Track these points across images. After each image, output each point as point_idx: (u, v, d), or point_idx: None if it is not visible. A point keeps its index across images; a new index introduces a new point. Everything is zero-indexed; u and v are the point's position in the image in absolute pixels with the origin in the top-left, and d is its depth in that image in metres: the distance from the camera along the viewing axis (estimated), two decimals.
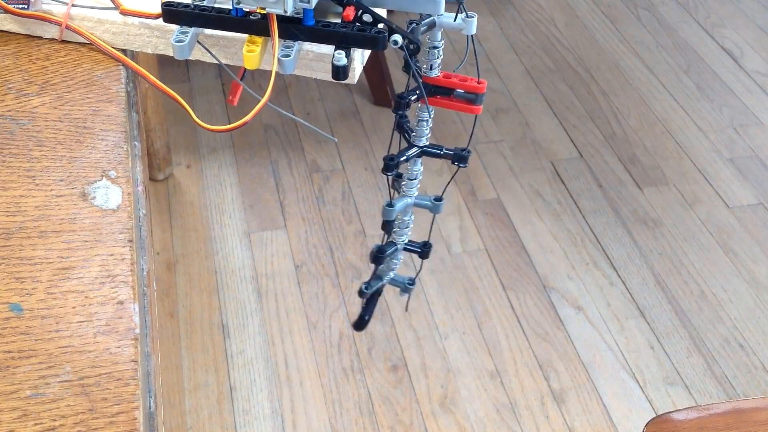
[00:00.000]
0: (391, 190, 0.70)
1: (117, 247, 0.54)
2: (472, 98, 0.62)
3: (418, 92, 0.62)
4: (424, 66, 0.61)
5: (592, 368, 1.43)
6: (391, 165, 0.65)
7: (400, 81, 2.01)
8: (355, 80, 0.63)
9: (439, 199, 0.70)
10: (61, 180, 0.57)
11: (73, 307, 0.50)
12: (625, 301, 1.54)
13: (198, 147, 1.82)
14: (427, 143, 0.66)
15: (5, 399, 0.46)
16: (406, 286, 0.80)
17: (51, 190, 0.57)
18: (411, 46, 0.58)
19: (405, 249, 0.75)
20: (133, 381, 0.47)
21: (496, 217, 1.69)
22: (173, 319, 1.47)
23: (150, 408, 0.50)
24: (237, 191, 1.72)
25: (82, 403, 0.46)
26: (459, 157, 0.65)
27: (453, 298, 1.53)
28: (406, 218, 0.72)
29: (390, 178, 0.68)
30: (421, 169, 0.69)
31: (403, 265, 0.77)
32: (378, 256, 0.72)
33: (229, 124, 0.59)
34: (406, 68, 0.60)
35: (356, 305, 1.51)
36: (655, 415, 1.16)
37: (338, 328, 1.47)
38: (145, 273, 0.55)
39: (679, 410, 0.83)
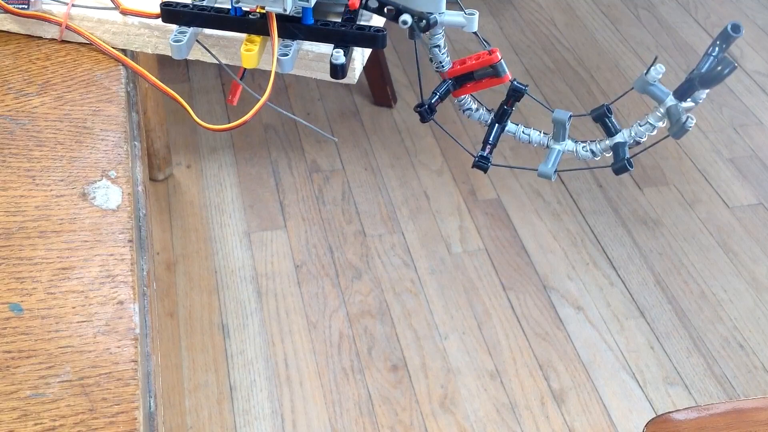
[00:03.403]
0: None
1: (117, 247, 0.54)
2: (492, 72, 0.62)
3: (439, 93, 0.62)
4: (436, 65, 0.61)
5: (592, 368, 1.43)
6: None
7: (400, 81, 2.02)
8: (355, 80, 0.63)
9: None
10: (61, 180, 0.57)
11: (73, 307, 0.50)
12: (625, 301, 1.54)
13: (198, 147, 1.82)
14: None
15: (5, 399, 0.46)
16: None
17: (51, 190, 0.57)
18: (422, 23, 0.57)
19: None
20: (133, 381, 0.47)
21: (496, 217, 1.69)
22: (173, 319, 1.47)
23: (150, 408, 0.50)
24: (237, 191, 1.72)
25: (82, 403, 0.46)
26: (514, 92, 0.63)
27: (453, 298, 1.53)
28: None
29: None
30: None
31: (403, 267, 0.76)
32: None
33: (230, 123, 0.59)
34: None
35: (356, 305, 1.51)
36: (655, 415, 1.16)
37: (338, 328, 1.47)
38: (145, 273, 0.55)
39: (679, 410, 0.83)
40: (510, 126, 0.65)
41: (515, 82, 0.62)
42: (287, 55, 0.59)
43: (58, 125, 0.61)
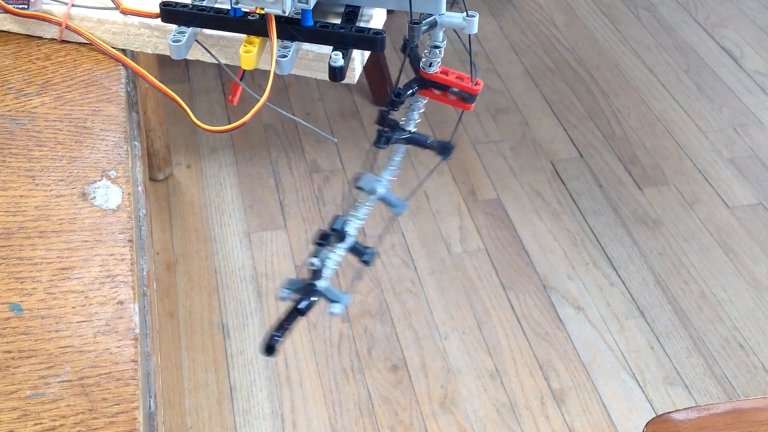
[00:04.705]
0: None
1: (117, 247, 0.54)
2: (466, 97, 0.62)
3: (414, 87, 0.62)
4: (423, 61, 0.61)
5: (592, 368, 1.43)
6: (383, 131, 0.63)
7: (400, 81, 2.01)
8: (355, 80, 0.63)
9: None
10: (61, 180, 0.57)
11: (73, 307, 0.50)
12: (625, 301, 1.54)
13: (198, 147, 1.82)
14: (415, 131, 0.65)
15: (5, 399, 0.46)
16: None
17: (51, 190, 0.57)
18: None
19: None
20: (133, 381, 0.47)
21: (496, 217, 1.69)
22: (173, 319, 1.47)
23: (150, 408, 0.50)
24: (237, 191, 1.72)
25: (82, 403, 0.46)
26: (443, 149, 0.64)
27: (453, 298, 1.53)
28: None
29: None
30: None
31: (403, 267, 0.76)
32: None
33: (229, 123, 0.59)
34: (404, 51, 0.59)
35: (356, 305, 1.51)
36: (655, 415, 1.16)
37: (338, 328, 1.47)
38: (145, 273, 0.55)
39: (679, 410, 0.83)
40: (399, 152, 0.66)
41: (449, 149, 0.63)
42: (286, 56, 0.59)
43: (58, 125, 0.61)
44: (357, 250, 0.63)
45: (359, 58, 0.63)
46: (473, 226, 1.67)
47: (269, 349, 0.54)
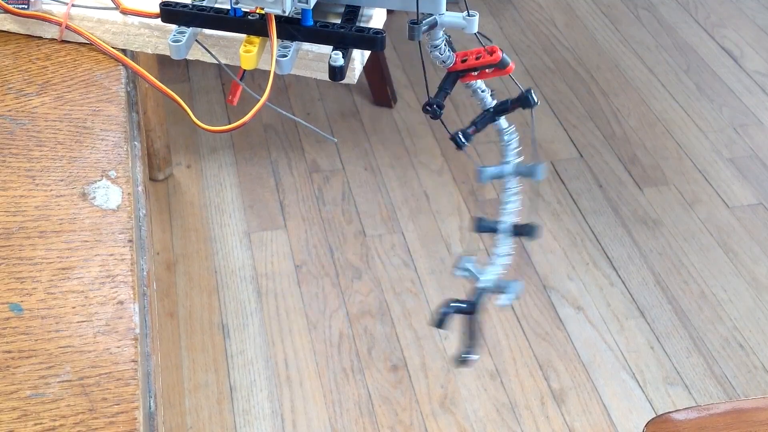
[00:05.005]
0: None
1: (117, 247, 0.54)
2: (498, 65, 0.62)
3: (444, 89, 0.62)
4: (440, 62, 0.61)
5: (592, 368, 1.43)
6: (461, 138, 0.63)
7: (400, 81, 2.02)
8: (355, 80, 0.63)
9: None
10: (61, 180, 0.57)
11: (73, 307, 0.50)
12: (625, 301, 1.54)
13: (198, 147, 1.82)
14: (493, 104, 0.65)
15: (5, 399, 0.46)
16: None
17: (51, 190, 0.57)
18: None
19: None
20: (133, 381, 0.47)
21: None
22: (173, 319, 1.47)
23: (150, 408, 0.50)
24: (237, 191, 1.72)
25: (82, 403, 0.46)
26: (525, 101, 0.64)
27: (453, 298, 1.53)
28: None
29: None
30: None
31: (403, 267, 0.76)
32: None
33: (230, 123, 0.59)
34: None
35: (356, 305, 1.51)
36: (655, 415, 1.16)
37: (338, 328, 1.47)
38: (145, 273, 0.55)
39: (679, 410, 0.83)
40: (502, 122, 0.66)
41: (530, 95, 0.62)
42: (286, 56, 0.59)
43: (58, 125, 0.61)
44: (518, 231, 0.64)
45: (359, 57, 0.63)
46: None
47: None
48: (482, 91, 0.63)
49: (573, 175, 1.80)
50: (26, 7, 0.66)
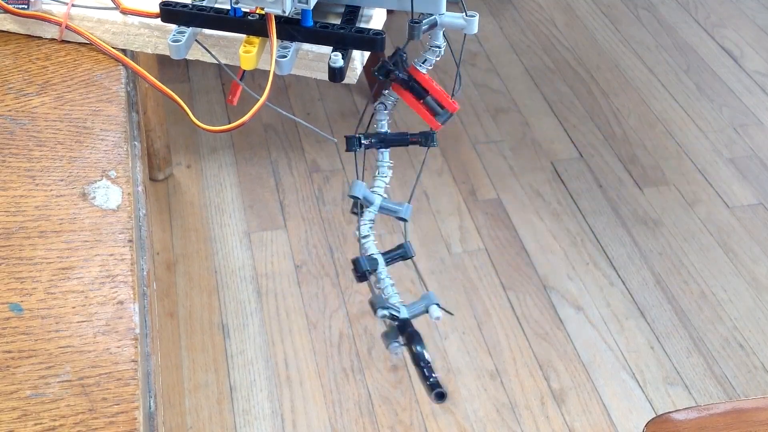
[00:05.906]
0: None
1: (117, 247, 0.54)
2: (437, 111, 0.61)
3: (400, 71, 0.60)
4: (418, 58, 0.61)
5: (592, 368, 1.43)
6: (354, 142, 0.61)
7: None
8: (355, 80, 0.63)
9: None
10: (61, 180, 0.57)
11: (73, 307, 0.50)
12: (625, 301, 1.54)
13: (198, 147, 1.82)
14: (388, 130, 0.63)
15: (5, 399, 0.46)
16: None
17: (51, 190, 0.57)
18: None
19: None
20: (133, 381, 0.47)
21: (496, 217, 1.69)
22: (173, 319, 1.47)
23: (150, 408, 0.50)
24: (237, 191, 1.72)
25: (82, 403, 0.46)
26: (426, 138, 0.62)
27: (453, 298, 1.53)
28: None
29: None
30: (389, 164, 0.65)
31: (403, 267, 0.74)
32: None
33: (229, 123, 0.59)
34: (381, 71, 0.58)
35: (356, 305, 1.51)
36: (655, 415, 1.16)
37: (338, 328, 1.47)
38: (145, 273, 0.55)
39: (679, 410, 0.83)
40: (386, 154, 0.63)
41: (432, 140, 0.61)
42: (286, 56, 0.59)
43: (58, 125, 0.61)
44: (398, 256, 0.61)
45: (359, 58, 0.63)
46: (473, 226, 1.67)
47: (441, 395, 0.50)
48: (385, 114, 0.62)
49: (573, 175, 1.80)
50: (26, 7, 0.66)
